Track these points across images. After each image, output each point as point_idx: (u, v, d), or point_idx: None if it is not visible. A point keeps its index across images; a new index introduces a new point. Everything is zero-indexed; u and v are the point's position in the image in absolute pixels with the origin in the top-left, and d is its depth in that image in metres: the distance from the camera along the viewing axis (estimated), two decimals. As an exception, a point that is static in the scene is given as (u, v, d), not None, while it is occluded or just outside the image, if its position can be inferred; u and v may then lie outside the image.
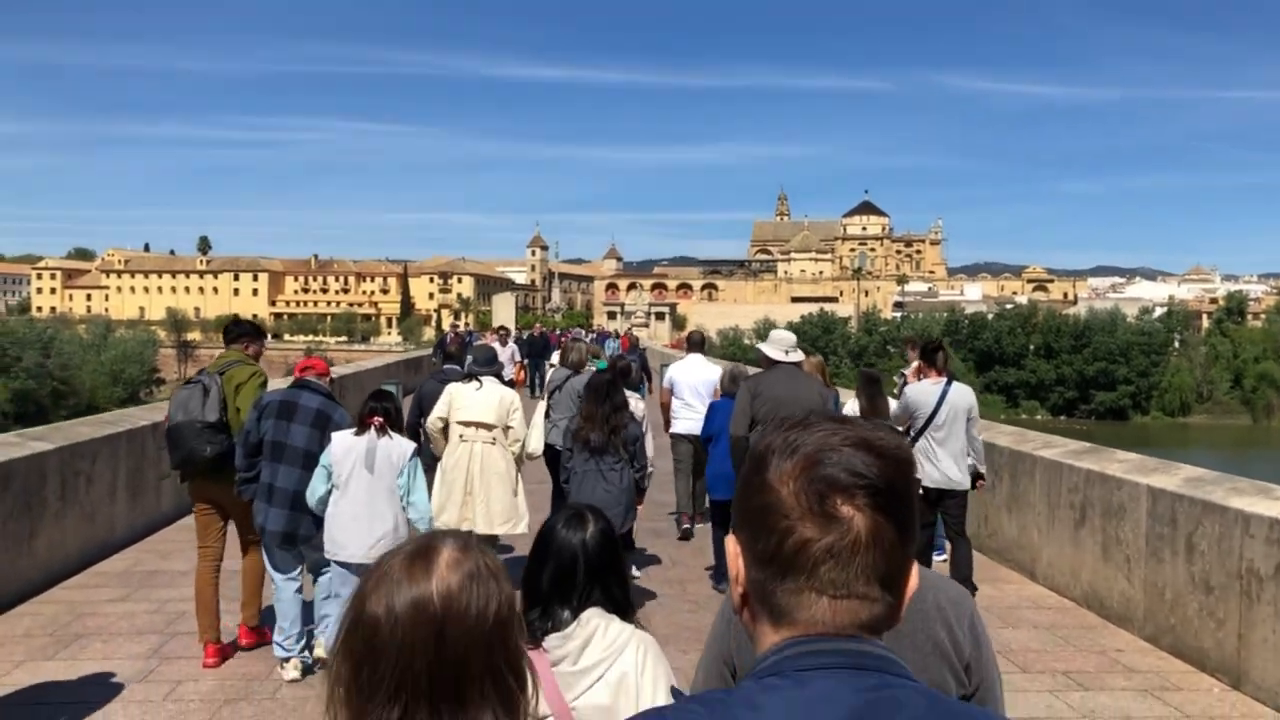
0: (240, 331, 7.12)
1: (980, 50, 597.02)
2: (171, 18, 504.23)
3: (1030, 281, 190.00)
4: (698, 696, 1.29)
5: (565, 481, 7.27)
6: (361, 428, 5.99)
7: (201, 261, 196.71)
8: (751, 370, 11.04)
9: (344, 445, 5.97)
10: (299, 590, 6.47)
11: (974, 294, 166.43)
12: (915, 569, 1.28)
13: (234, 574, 7.04)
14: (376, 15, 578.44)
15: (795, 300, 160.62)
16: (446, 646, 1.32)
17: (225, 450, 6.44)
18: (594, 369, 9.16)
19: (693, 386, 10.94)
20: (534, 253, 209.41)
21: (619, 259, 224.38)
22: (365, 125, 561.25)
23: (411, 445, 6.17)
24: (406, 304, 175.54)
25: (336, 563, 5.96)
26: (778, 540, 1.23)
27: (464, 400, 8.16)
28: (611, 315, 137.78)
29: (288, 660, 6.29)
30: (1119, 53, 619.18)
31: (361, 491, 5.88)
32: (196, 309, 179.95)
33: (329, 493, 5.96)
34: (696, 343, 12.14)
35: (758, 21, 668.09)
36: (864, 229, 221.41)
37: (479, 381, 8.23)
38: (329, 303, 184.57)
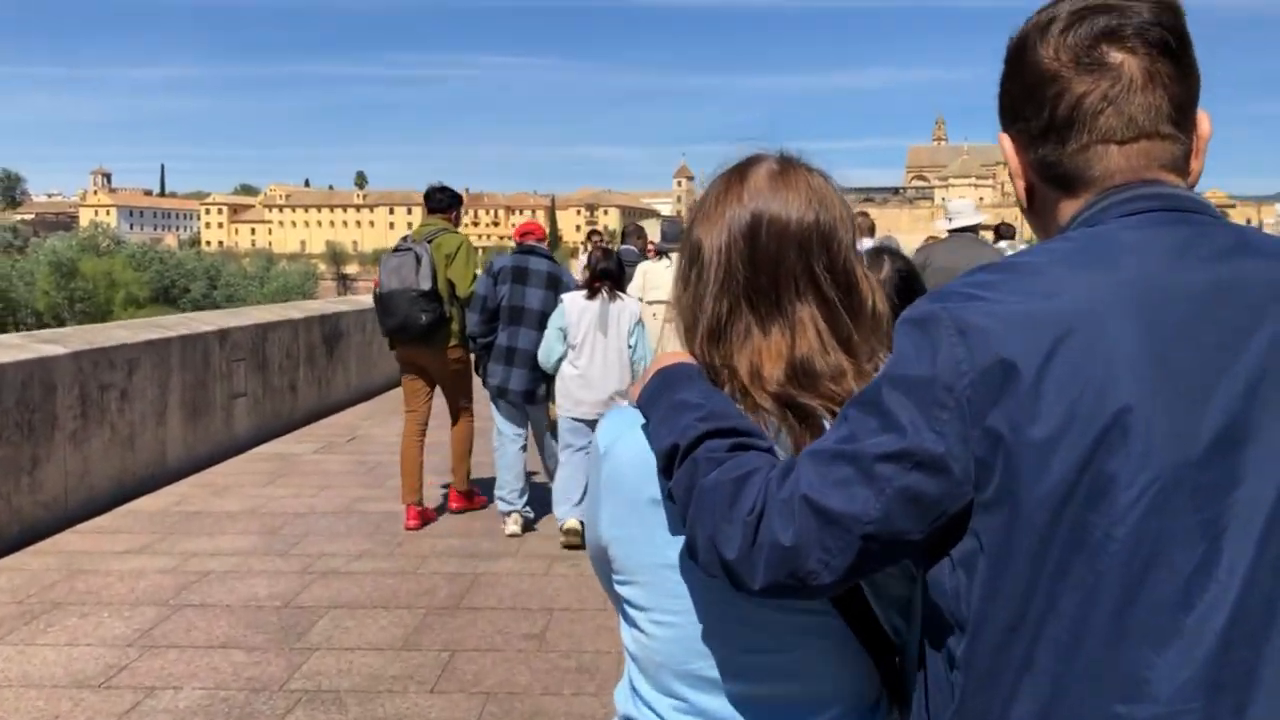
0: (446, 200, 6.99)
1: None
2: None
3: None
4: (979, 268, 1.18)
5: None
6: (592, 291, 6.14)
7: (359, 196, 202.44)
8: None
9: (577, 307, 6.14)
10: (524, 448, 6.69)
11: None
12: (1204, 114, 1.20)
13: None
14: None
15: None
16: (759, 253, 1.36)
17: (438, 318, 6.46)
18: None
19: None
20: (680, 183, 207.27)
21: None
22: (512, 59, 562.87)
23: (639, 306, 6.47)
24: (555, 236, 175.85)
25: (572, 419, 6.19)
26: (1051, 108, 1.18)
27: (656, 279, 8.34)
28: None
29: (509, 514, 6.57)
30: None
31: (596, 351, 6.11)
32: (354, 242, 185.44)
33: (564, 354, 6.16)
34: (867, 230, 12.12)
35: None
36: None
37: (669, 259, 8.10)
38: (480, 235, 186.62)
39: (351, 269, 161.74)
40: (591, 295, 6.15)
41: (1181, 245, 1.10)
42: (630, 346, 6.17)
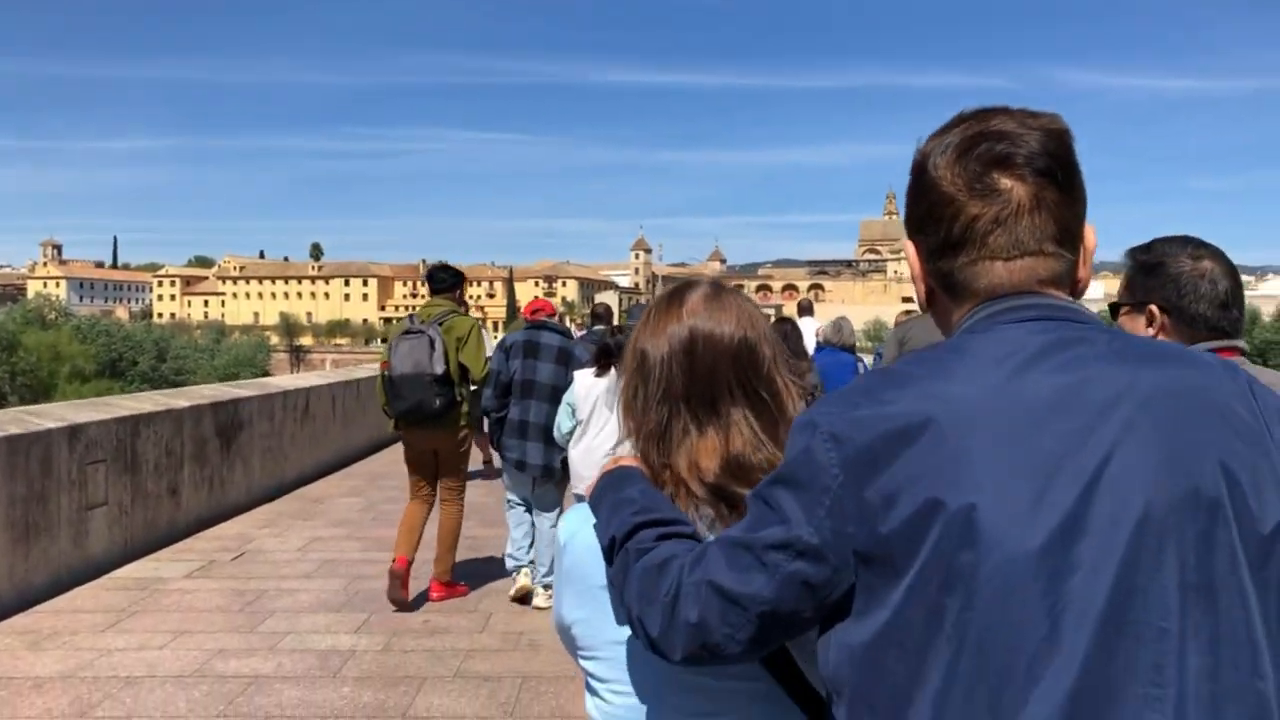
0: (450, 280, 7.01)
1: (1095, 44, 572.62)
2: (285, 31, 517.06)
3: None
4: (869, 373, 1.33)
5: None
6: (601, 369, 6.11)
7: (314, 267, 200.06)
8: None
9: (585, 384, 6.12)
10: (554, 525, 6.59)
11: (1095, 293, 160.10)
12: (1090, 229, 1.31)
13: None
14: (484, 25, 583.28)
15: (906, 300, 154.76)
16: (696, 363, 1.53)
17: (450, 401, 6.50)
18: None
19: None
20: (637, 255, 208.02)
21: (722, 260, 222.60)
22: (473, 134, 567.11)
23: None
24: (513, 307, 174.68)
25: (577, 495, 6.11)
26: (946, 227, 1.28)
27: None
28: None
29: (519, 569, 6.74)
30: (1249, 44, 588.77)
31: (604, 428, 6.02)
32: (309, 314, 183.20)
33: (574, 429, 6.13)
34: (806, 308, 14.09)
35: (867, 20, 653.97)
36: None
37: None
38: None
39: (305, 340, 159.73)
40: (600, 372, 6.08)
41: (1039, 352, 1.20)
42: None
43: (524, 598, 6.70)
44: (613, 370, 6.06)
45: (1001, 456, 1.13)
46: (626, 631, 1.44)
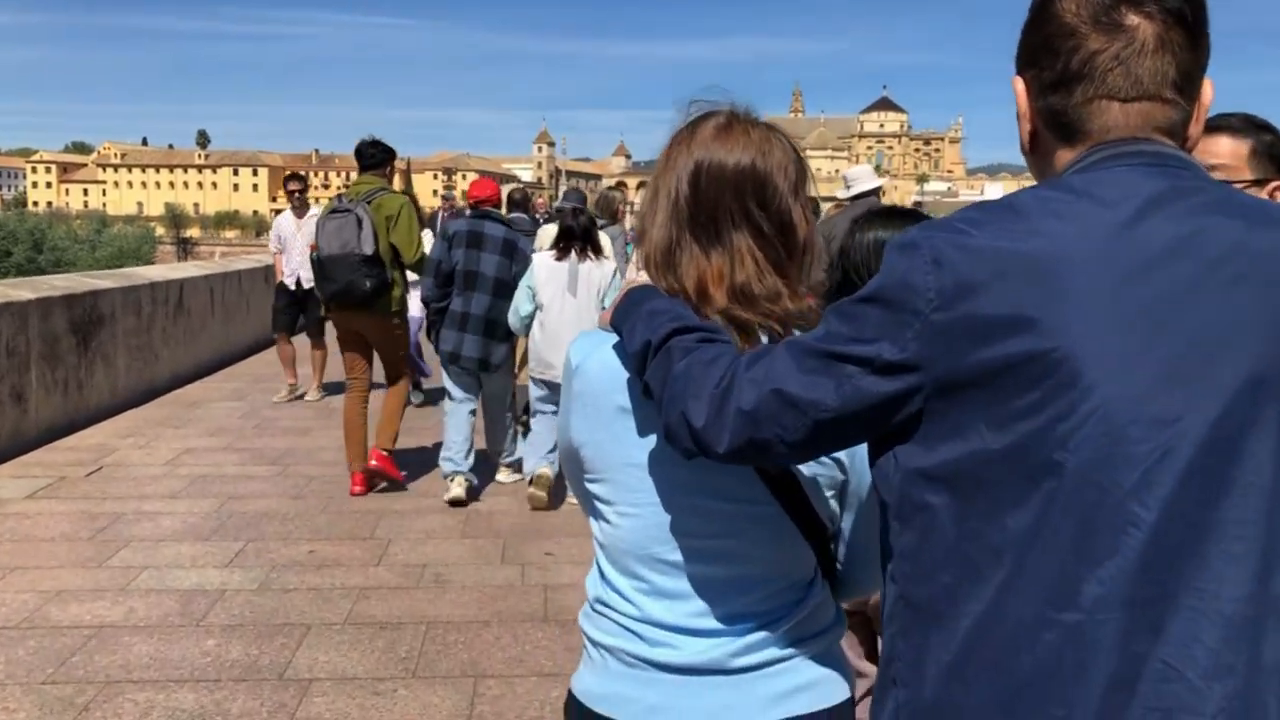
0: (379, 155, 6.63)
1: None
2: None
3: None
4: (975, 206, 1.27)
5: None
6: (561, 253, 6.09)
7: (200, 156, 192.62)
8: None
9: (547, 268, 6.07)
10: (473, 413, 6.64)
11: (994, 192, 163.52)
12: (1209, 83, 1.27)
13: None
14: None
15: (810, 198, 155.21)
16: (699, 194, 1.52)
17: (381, 283, 6.23)
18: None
19: None
20: (540, 149, 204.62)
21: (627, 156, 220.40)
22: (365, 18, 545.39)
23: (612, 265, 6.32)
24: (411, 200, 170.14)
25: (540, 380, 6.21)
26: (1064, 60, 1.23)
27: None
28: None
29: (453, 476, 6.44)
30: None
31: (567, 313, 6.00)
32: (196, 204, 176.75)
33: (532, 313, 6.09)
34: None
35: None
36: (881, 126, 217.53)
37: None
38: (331, 198, 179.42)
39: (193, 232, 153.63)
40: (561, 256, 6.09)
41: (1157, 199, 1.15)
42: (603, 308, 5.25)
43: (457, 503, 6.37)
44: (573, 254, 6.08)
45: (1108, 300, 1.11)
46: (637, 453, 1.50)
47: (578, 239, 6.12)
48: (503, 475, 6.89)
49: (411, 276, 6.95)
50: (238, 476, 6.90)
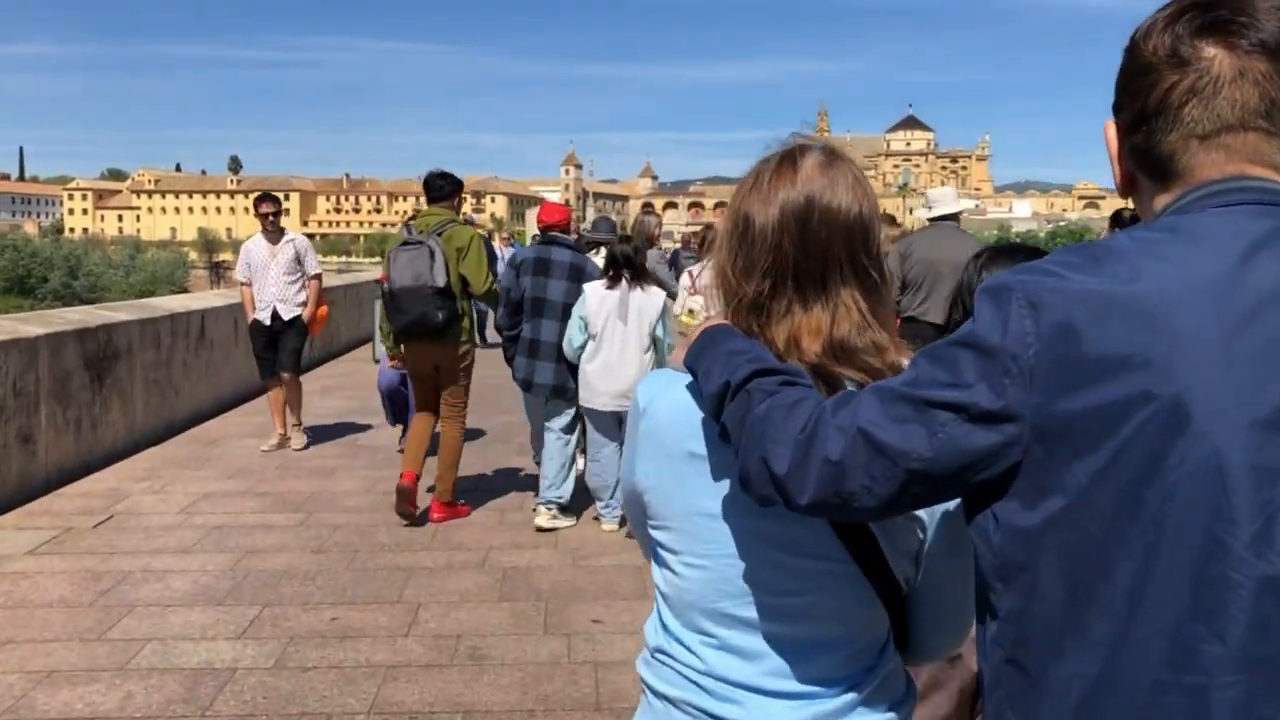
0: (448, 187, 6.63)
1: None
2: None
3: (1082, 198, 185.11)
4: (1064, 249, 1.22)
5: None
6: (612, 281, 6.04)
7: (232, 181, 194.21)
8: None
9: (598, 297, 6.06)
10: (567, 442, 6.47)
11: (1023, 211, 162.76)
12: None
13: None
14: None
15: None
16: (809, 237, 1.41)
17: (453, 315, 6.27)
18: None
19: None
20: (567, 171, 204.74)
21: (654, 178, 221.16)
22: (394, 44, 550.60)
23: (662, 295, 6.26)
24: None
25: (591, 409, 6.16)
26: (1142, 98, 1.20)
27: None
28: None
29: (541, 506, 6.42)
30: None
31: (615, 341, 6.02)
32: (228, 229, 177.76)
33: (585, 343, 6.09)
34: None
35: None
36: (908, 144, 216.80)
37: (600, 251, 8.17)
38: (361, 223, 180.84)
39: (225, 257, 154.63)
40: (612, 284, 6.05)
41: (1262, 239, 1.10)
42: (656, 337, 6.12)
43: (541, 531, 6.38)
44: (624, 282, 6.03)
45: (1216, 344, 1.06)
46: (708, 502, 1.42)
47: (628, 267, 6.05)
48: (542, 519, 6.40)
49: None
50: (256, 526, 6.39)
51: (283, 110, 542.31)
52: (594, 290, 6.09)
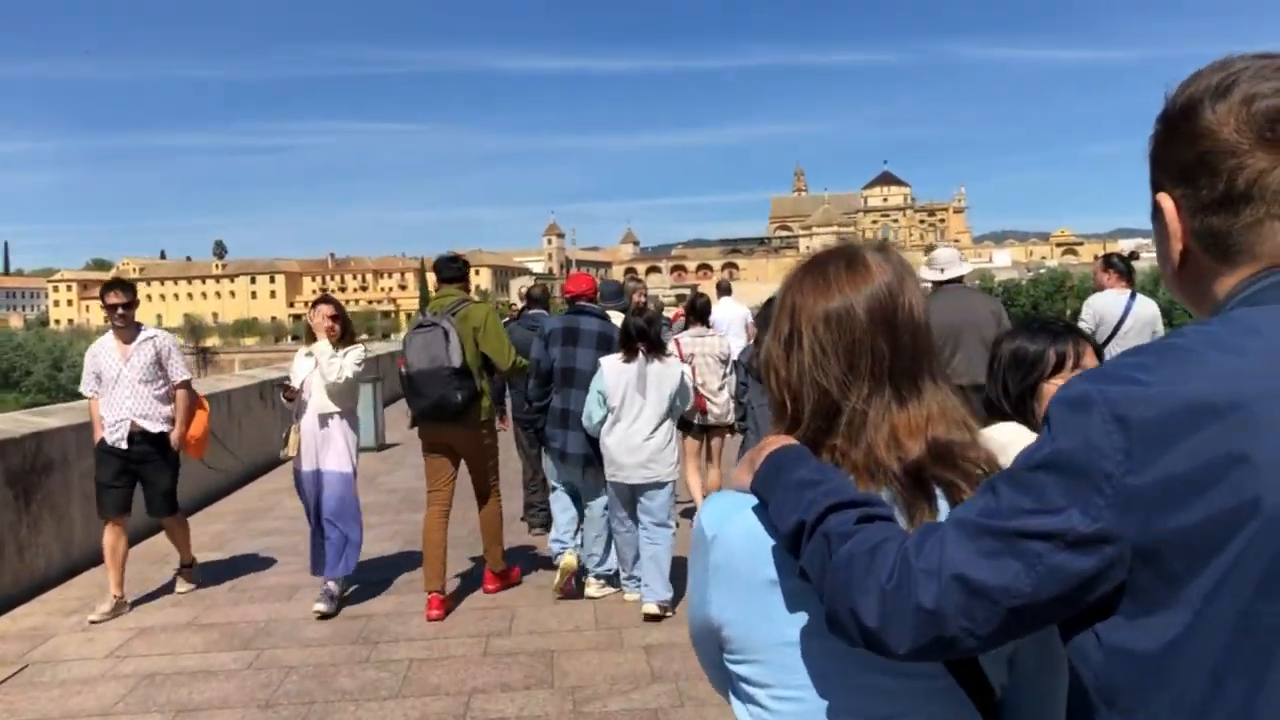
0: (460, 268, 6.65)
1: (990, 18, 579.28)
2: (175, 28, 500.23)
3: (1059, 245, 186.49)
4: (1135, 350, 1.13)
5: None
6: (629, 354, 5.99)
7: (217, 266, 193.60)
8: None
9: (615, 371, 6.02)
10: (605, 517, 6.41)
11: (1003, 260, 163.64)
12: None
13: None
14: (378, 15, 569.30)
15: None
16: (899, 333, 1.38)
17: (472, 395, 6.18)
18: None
19: (730, 323, 11.77)
20: (550, 240, 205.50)
21: (636, 243, 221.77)
22: (375, 125, 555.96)
23: (681, 366, 6.27)
24: (425, 298, 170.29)
25: (613, 483, 6.10)
26: (1226, 179, 1.12)
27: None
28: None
29: (564, 553, 6.47)
30: (1134, 12, 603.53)
31: (635, 414, 5.97)
32: (214, 314, 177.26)
33: (604, 418, 6.04)
34: (725, 288, 13.87)
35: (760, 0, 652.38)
36: (885, 199, 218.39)
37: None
38: (348, 301, 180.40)
39: (212, 342, 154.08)
40: (629, 358, 6.03)
41: None
42: (674, 409, 6.09)
43: (570, 585, 6.46)
44: (640, 355, 5.97)
45: None
46: (791, 631, 1.34)
47: (642, 340, 5.97)
48: (593, 589, 6.48)
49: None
50: (196, 673, 5.36)
51: (267, 194, 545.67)
52: (611, 364, 6.04)
